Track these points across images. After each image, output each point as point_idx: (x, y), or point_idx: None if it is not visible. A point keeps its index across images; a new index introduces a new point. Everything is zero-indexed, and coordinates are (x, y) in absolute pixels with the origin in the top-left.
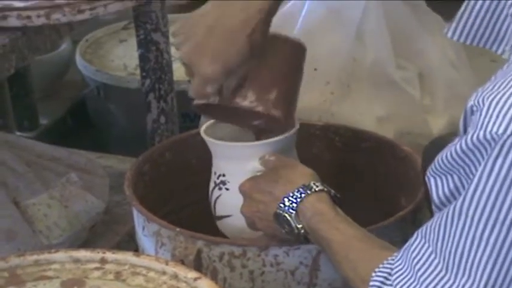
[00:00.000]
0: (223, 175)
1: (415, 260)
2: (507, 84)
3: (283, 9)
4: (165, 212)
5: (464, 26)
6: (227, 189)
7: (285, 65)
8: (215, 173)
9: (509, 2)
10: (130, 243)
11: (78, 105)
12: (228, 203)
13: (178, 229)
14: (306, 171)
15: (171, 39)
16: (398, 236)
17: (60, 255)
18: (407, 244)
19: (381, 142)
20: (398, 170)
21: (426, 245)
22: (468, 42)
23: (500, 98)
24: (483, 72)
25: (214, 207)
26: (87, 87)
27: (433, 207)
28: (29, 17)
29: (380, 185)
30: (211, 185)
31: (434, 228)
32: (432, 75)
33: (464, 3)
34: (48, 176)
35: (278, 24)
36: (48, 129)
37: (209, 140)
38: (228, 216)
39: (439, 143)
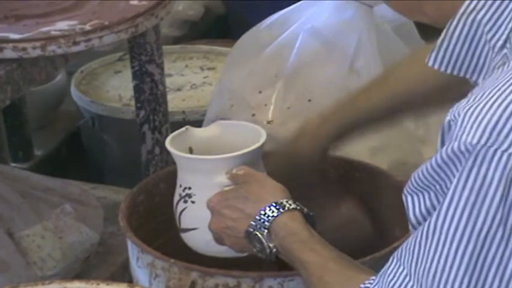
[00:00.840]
0: (189, 188)
1: (391, 284)
2: (482, 96)
3: (277, 40)
4: (159, 243)
5: (444, 54)
6: (193, 202)
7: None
8: (180, 186)
9: (487, 27)
10: (124, 275)
11: (73, 136)
12: (194, 216)
13: (172, 260)
14: (277, 186)
15: None
16: None
17: (54, 286)
18: (384, 268)
19: (374, 173)
20: (392, 200)
21: (401, 267)
22: (448, 71)
23: (475, 109)
24: None
25: (179, 220)
26: (81, 118)
27: (410, 227)
28: (24, 49)
29: (374, 216)
30: (176, 197)
31: (408, 249)
32: None
33: (444, 31)
34: (43, 207)
35: (271, 56)
36: (43, 160)
37: (173, 152)
38: (194, 229)
39: None
